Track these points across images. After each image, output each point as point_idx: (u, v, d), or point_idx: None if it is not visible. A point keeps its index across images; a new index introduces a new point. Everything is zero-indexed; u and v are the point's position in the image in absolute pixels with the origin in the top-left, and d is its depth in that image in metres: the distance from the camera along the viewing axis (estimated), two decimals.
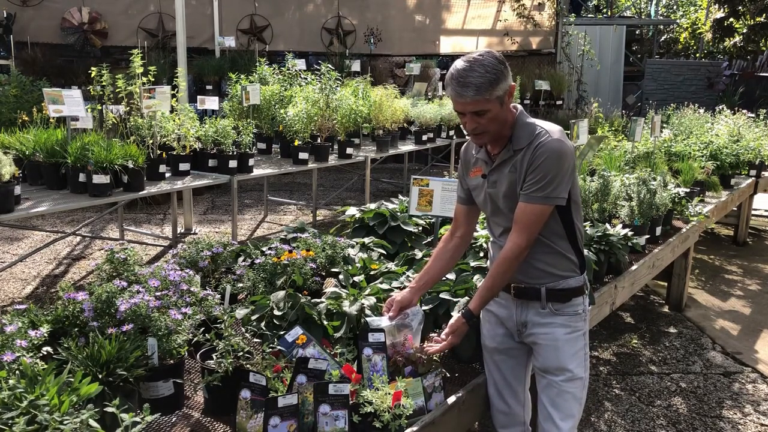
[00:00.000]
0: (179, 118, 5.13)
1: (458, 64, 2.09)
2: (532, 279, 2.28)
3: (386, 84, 8.34)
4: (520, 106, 2.26)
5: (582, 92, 12.16)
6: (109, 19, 9.88)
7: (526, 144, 2.16)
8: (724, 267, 6.54)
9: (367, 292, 2.74)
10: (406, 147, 7.64)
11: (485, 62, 2.06)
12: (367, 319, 2.45)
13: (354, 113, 6.46)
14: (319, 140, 6.13)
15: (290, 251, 2.88)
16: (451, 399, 2.31)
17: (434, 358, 2.33)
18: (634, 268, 3.87)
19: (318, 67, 6.32)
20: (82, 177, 4.18)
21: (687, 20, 18.69)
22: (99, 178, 4.13)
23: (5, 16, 8.95)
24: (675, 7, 20.71)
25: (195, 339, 2.22)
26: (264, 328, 2.47)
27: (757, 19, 14.31)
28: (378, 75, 10.73)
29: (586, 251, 3.19)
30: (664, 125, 7.68)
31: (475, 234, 2.93)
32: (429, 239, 3.69)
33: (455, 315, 2.32)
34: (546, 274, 2.26)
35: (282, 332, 2.37)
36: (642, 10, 20.65)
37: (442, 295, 2.67)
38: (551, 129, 2.17)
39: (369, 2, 11.54)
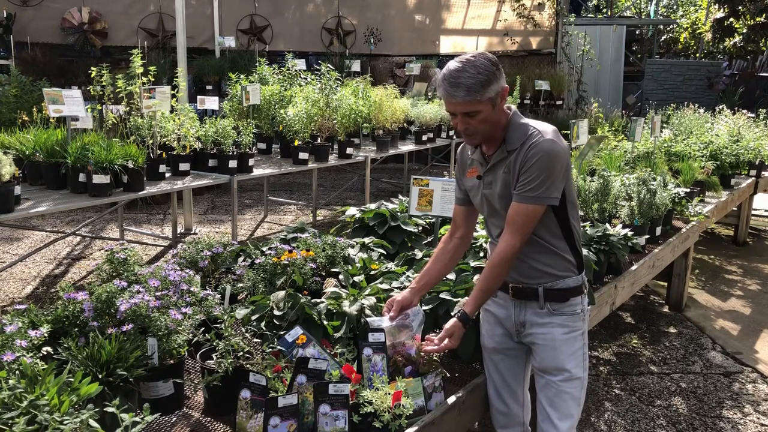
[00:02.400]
0: (179, 118, 5.13)
1: (451, 65, 2.09)
2: (529, 279, 2.28)
3: (386, 84, 8.34)
4: (514, 107, 2.26)
5: (582, 92, 12.16)
6: (109, 19, 9.89)
7: (519, 145, 2.15)
8: (724, 267, 6.54)
9: (367, 292, 2.74)
10: (406, 147, 7.64)
11: (477, 63, 2.06)
12: (368, 319, 2.45)
13: (354, 113, 6.46)
14: (319, 140, 6.14)
15: (290, 251, 2.88)
16: (451, 399, 2.31)
17: (434, 358, 2.33)
18: (634, 268, 3.87)
19: (318, 67, 6.32)
20: (82, 177, 4.18)
21: (687, 20, 18.69)
22: (99, 178, 4.13)
23: (5, 16, 8.95)
24: (675, 7, 20.71)
25: (195, 339, 2.23)
26: (264, 328, 2.47)
27: (757, 19, 14.30)
28: (378, 75, 10.73)
29: (585, 251, 3.20)
30: (664, 125, 7.67)
31: (475, 234, 2.93)
32: (429, 239, 3.69)
33: (452, 319, 2.29)
34: (543, 274, 2.26)
35: (282, 332, 2.37)
36: (642, 10, 20.64)
37: (442, 295, 2.67)
38: (544, 129, 2.17)
39: (369, 2, 11.55)
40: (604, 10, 17.85)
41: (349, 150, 6.36)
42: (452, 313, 2.33)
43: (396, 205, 3.98)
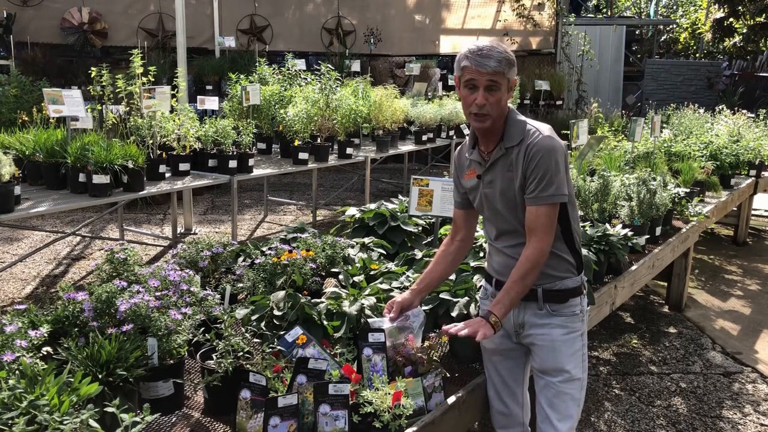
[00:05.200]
0: (179, 118, 5.13)
1: (476, 44, 2.14)
2: None
3: (386, 84, 8.34)
4: (511, 105, 2.28)
5: (582, 92, 12.15)
6: (109, 19, 9.88)
7: (518, 141, 2.17)
8: (724, 267, 6.54)
9: (367, 292, 2.74)
10: (406, 147, 7.64)
11: (502, 47, 2.15)
12: (368, 320, 2.45)
13: (354, 113, 6.46)
14: (319, 140, 6.14)
15: (290, 251, 2.88)
16: (451, 399, 2.31)
17: (434, 358, 2.33)
18: (634, 268, 3.87)
19: (318, 67, 6.32)
20: (82, 177, 4.18)
21: (687, 20, 18.69)
22: (99, 178, 4.13)
23: (5, 16, 8.95)
24: (675, 7, 20.71)
25: (195, 339, 2.23)
26: (264, 328, 2.47)
27: (757, 19, 14.30)
28: (378, 75, 10.73)
29: (585, 251, 3.19)
30: (664, 125, 7.67)
31: (476, 234, 2.93)
32: (429, 239, 3.69)
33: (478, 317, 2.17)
34: (542, 275, 2.25)
35: (282, 332, 2.37)
36: (642, 10, 20.64)
37: (442, 295, 2.67)
38: (541, 127, 2.20)
39: (369, 2, 11.54)
40: (604, 10, 17.84)
41: (349, 150, 6.36)
42: (482, 315, 2.20)
43: (396, 205, 3.98)
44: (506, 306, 2.17)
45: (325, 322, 2.50)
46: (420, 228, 3.78)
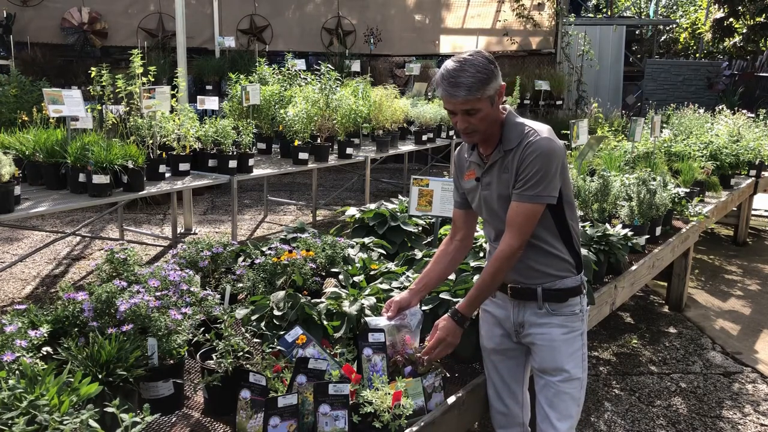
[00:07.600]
0: (179, 118, 5.13)
1: (449, 64, 2.10)
2: (528, 279, 2.28)
3: (386, 84, 8.33)
4: (509, 107, 2.27)
5: (582, 92, 12.15)
6: (109, 19, 9.87)
7: (516, 144, 2.17)
8: (724, 267, 6.54)
9: (367, 292, 2.74)
10: (406, 147, 7.64)
11: (476, 62, 2.07)
12: (366, 319, 2.45)
13: (354, 113, 6.46)
14: (319, 140, 6.13)
15: (290, 251, 2.88)
16: (451, 399, 2.31)
17: None
18: (634, 268, 3.87)
19: (318, 67, 6.32)
20: (81, 177, 4.18)
21: (687, 20, 18.69)
22: (99, 178, 4.13)
23: (5, 16, 8.94)
24: (675, 7, 20.70)
25: (195, 339, 2.23)
26: (264, 328, 2.47)
27: (757, 19, 14.30)
28: (378, 75, 10.72)
29: (585, 251, 3.19)
30: (664, 125, 7.67)
31: (476, 234, 2.93)
32: (429, 239, 3.70)
33: (445, 317, 2.28)
34: (542, 274, 2.26)
35: (282, 332, 2.37)
36: (642, 10, 20.64)
37: (442, 295, 2.67)
38: (540, 128, 2.19)
39: (369, 2, 11.54)
40: (604, 10, 17.83)
41: (349, 150, 6.36)
42: (451, 315, 2.29)
43: (396, 205, 3.98)
44: (475, 305, 2.26)
45: (325, 322, 2.50)
46: (420, 228, 3.78)
